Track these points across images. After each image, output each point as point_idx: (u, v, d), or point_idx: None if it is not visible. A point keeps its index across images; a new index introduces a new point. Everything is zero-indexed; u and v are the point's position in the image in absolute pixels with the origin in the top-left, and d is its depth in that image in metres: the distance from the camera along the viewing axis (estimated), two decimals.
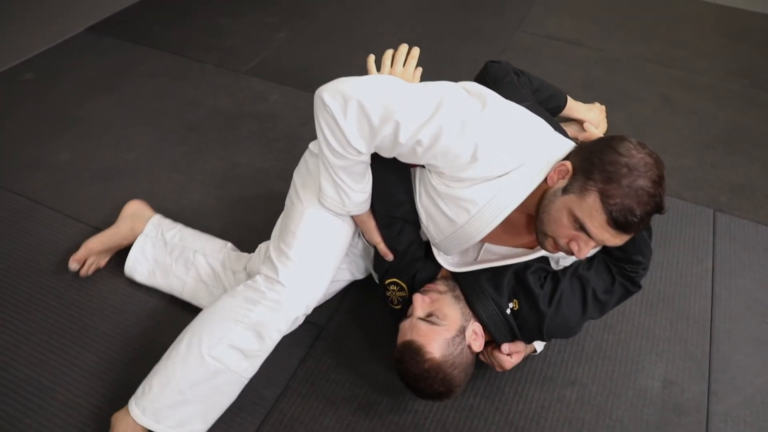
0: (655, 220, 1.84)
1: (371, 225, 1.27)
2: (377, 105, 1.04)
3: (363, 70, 2.22)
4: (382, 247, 1.28)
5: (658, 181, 0.97)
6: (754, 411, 1.33)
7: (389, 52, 1.31)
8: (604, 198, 0.97)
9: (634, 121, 2.16)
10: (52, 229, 1.69)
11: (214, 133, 2.06)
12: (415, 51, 1.31)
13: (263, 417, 1.28)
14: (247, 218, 1.75)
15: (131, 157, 1.96)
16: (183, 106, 2.19)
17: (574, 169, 1.03)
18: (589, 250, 1.05)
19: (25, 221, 1.71)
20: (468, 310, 1.23)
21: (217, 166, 1.93)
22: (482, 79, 1.57)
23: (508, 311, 1.22)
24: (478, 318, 1.23)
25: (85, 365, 1.36)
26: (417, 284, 1.29)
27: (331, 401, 1.32)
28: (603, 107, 2.03)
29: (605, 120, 2.02)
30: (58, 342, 1.41)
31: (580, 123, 2.00)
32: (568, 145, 1.12)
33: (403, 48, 1.31)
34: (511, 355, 1.27)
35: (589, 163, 1.00)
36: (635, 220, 0.97)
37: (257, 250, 1.44)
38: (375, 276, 1.38)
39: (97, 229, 1.68)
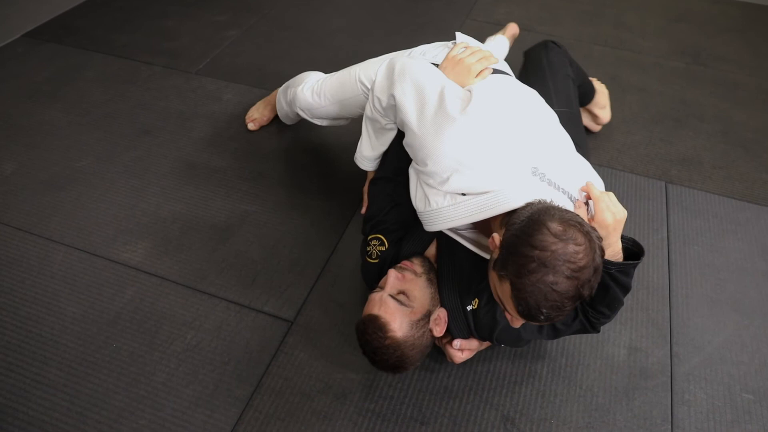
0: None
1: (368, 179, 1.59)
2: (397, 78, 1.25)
3: (315, 65, 2.21)
4: (365, 198, 1.62)
5: (573, 276, 0.91)
6: (713, 369, 1.39)
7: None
8: (515, 290, 0.94)
9: None
10: (2, 244, 1.62)
11: (167, 136, 2.01)
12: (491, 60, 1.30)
13: (237, 417, 1.26)
14: (208, 218, 1.71)
15: (82, 164, 1.89)
16: (133, 110, 2.13)
17: (501, 245, 0.99)
18: (519, 323, 1.04)
19: None
20: (438, 296, 1.25)
21: (174, 169, 1.88)
22: (538, 59, 1.57)
23: (469, 308, 1.23)
24: (444, 305, 1.25)
25: (47, 380, 1.32)
26: (403, 254, 1.32)
27: (306, 394, 1.31)
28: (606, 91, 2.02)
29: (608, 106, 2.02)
30: (15, 360, 1.35)
31: (591, 114, 2.00)
32: (529, 197, 1.03)
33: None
34: (462, 351, 1.30)
35: (508, 248, 0.96)
36: (541, 316, 0.94)
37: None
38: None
39: (51, 241, 1.63)
